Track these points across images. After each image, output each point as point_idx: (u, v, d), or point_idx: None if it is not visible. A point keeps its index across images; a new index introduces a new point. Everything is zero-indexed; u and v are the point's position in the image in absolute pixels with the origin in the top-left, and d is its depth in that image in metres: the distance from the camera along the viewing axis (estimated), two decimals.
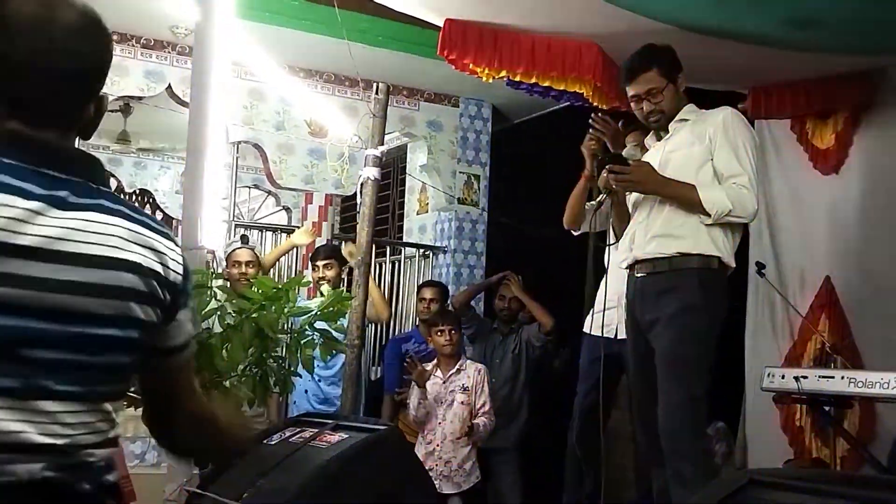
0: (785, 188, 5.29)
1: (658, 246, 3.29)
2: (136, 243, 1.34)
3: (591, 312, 4.35)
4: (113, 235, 1.32)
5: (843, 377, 3.88)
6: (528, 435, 5.30)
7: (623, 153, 3.71)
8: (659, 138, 3.50)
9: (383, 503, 2.32)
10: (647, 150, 3.62)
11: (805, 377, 4.00)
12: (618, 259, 3.54)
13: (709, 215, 3.20)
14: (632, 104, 3.49)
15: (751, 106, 5.08)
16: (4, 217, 1.23)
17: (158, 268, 1.37)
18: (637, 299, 3.39)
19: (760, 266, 5.08)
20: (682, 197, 3.24)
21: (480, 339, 5.50)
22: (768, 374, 4.20)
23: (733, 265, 3.34)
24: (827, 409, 4.32)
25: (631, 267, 3.43)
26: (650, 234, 3.32)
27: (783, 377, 4.11)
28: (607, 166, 3.32)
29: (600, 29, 4.10)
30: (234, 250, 4.93)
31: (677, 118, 3.42)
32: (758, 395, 4.74)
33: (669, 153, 3.38)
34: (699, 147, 3.31)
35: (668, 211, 3.29)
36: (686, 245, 3.24)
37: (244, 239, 4.87)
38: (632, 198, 3.50)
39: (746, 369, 5.28)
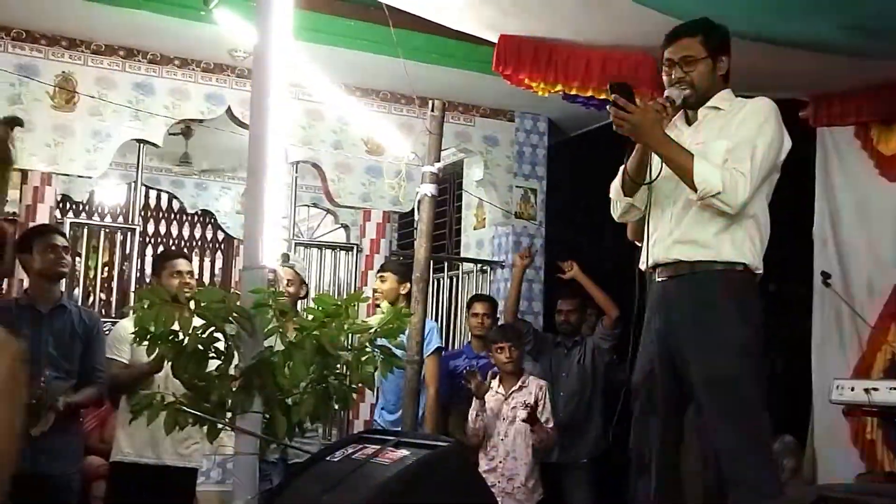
0: (850, 196, 5.19)
1: (679, 250, 3.07)
2: None
3: None
4: None
5: None
6: (600, 449, 5.23)
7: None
8: (688, 122, 3.21)
9: None
10: (675, 127, 3.26)
11: (875, 389, 3.91)
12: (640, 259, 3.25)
13: (695, 190, 2.96)
14: (664, 70, 3.21)
15: (812, 114, 5.00)
16: None
17: None
18: (657, 307, 3.16)
19: (826, 276, 4.98)
20: (676, 161, 2.98)
21: (544, 355, 5.45)
22: (837, 387, 4.11)
23: (760, 270, 3.09)
24: None
25: (651, 269, 3.18)
26: (672, 237, 3.09)
27: (853, 389, 4.02)
28: (612, 96, 2.98)
29: (656, 42, 4.07)
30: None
31: (709, 104, 3.14)
32: (826, 407, 4.64)
33: (696, 146, 3.08)
34: (724, 144, 3.05)
35: (693, 214, 3.06)
36: (708, 253, 3.02)
37: (284, 257, 4.91)
38: (656, 187, 3.17)
39: (814, 381, 5.16)
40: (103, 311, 6.22)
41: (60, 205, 7.51)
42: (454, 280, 6.92)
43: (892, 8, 3.74)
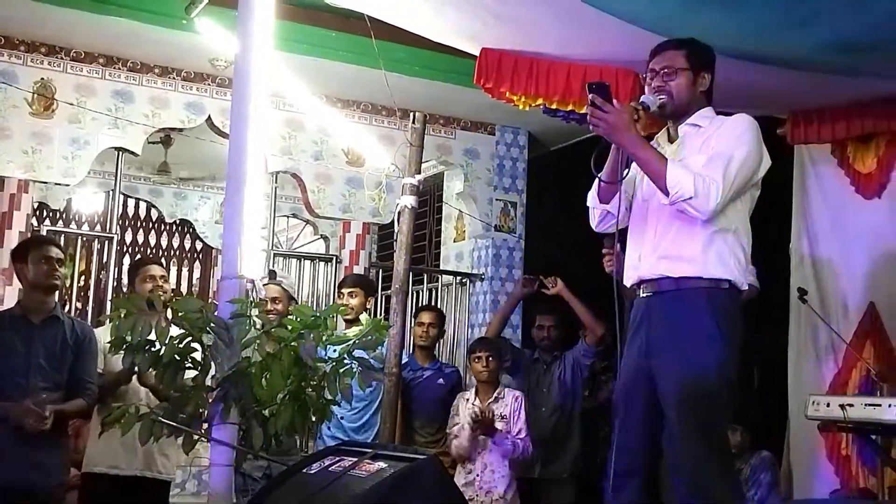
0: (826, 213, 5.23)
1: (663, 266, 3.06)
2: None
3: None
4: None
5: (890, 405, 3.79)
6: (580, 465, 5.23)
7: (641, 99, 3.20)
8: (670, 140, 3.22)
9: None
10: (658, 145, 3.24)
11: (851, 405, 3.92)
12: (624, 275, 3.25)
13: (667, 194, 2.95)
14: (646, 81, 3.24)
15: (790, 131, 5.03)
16: None
17: None
18: (639, 323, 3.14)
19: (803, 292, 5.01)
20: (650, 163, 2.99)
21: (522, 371, 5.44)
22: (813, 402, 4.12)
23: (745, 287, 3.09)
24: (874, 437, 4.23)
25: (636, 286, 3.18)
26: (656, 253, 3.08)
27: (828, 405, 4.03)
28: (590, 95, 2.96)
29: (637, 56, 4.10)
30: (263, 286, 4.93)
31: (690, 121, 3.15)
32: (802, 423, 4.66)
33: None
34: (702, 159, 3.04)
35: (678, 229, 3.05)
36: (694, 269, 3.01)
37: (272, 274, 4.88)
38: (637, 201, 3.21)
39: (790, 397, 5.19)
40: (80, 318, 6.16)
41: (37, 212, 7.44)
42: (433, 292, 6.91)
43: (869, 25, 3.78)
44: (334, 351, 3.06)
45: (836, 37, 3.89)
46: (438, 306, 6.65)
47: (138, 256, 8.59)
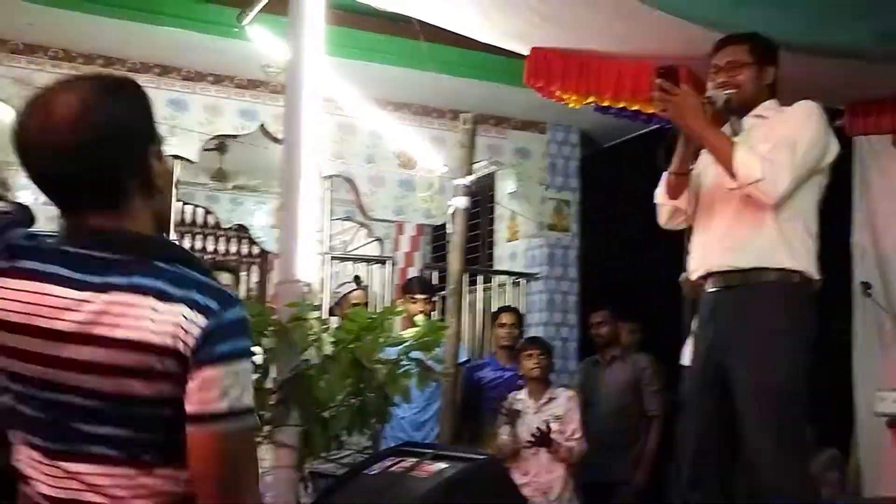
0: (890, 205, 5.11)
1: (732, 258, 2.99)
2: (152, 320, 1.34)
3: (686, 341, 4.17)
4: (133, 316, 1.35)
5: None
6: (646, 467, 5.17)
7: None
8: (735, 133, 3.13)
9: None
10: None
11: None
12: (689, 269, 3.19)
13: (734, 177, 2.89)
14: (709, 76, 3.19)
15: (849, 122, 4.93)
16: (49, 306, 1.35)
17: (169, 342, 1.35)
18: (709, 318, 3.08)
19: (867, 286, 4.91)
20: (717, 147, 2.94)
21: (579, 374, 5.41)
22: (881, 398, 4.03)
23: (818, 277, 3.01)
24: None
25: (703, 279, 3.10)
26: (724, 244, 3.01)
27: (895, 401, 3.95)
28: (658, 80, 2.97)
29: (689, 51, 4.05)
30: (349, 292, 4.97)
31: (754, 113, 3.10)
32: (870, 419, 4.56)
33: None
34: (767, 147, 2.99)
35: (745, 219, 2.97)
36: (763, 259, 2.93)
37: (357, 280, 4.94)
38: (704, 194, 3.15)
39: (856, 393, 5.08)
40: None
41: None
42: (488, 293, 6.90)
43: None
44: (393, 352, 3.07)
45: (893, 24, 3.80)
46: (492, 307, 6.65)
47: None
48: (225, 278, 4.38)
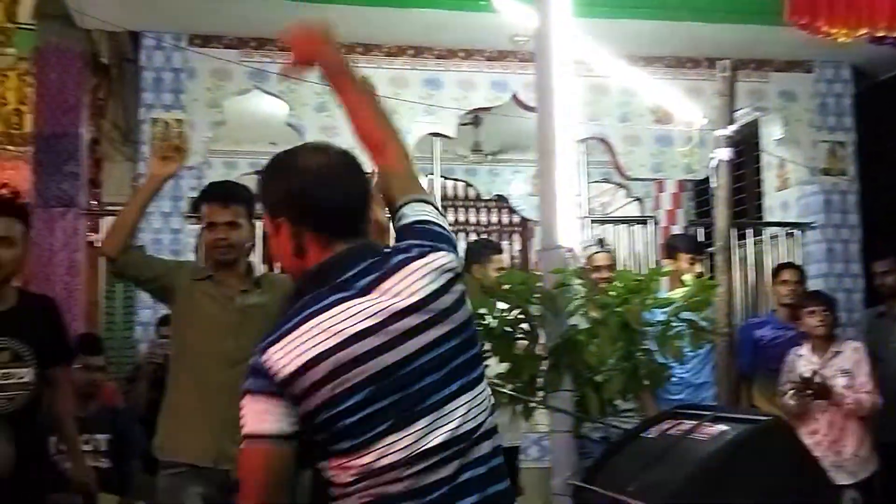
0: None
1: None
2: (431, 271, 1.61)
3: None
4: (415, 277, 1.60)
5: None
6: None
7: None
8: None
9: (772, 497, 2.21)
10: None
11: None
12: None
13: None
14: None
15: None
16: (352, 316, 1.57)
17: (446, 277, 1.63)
18: None
19: None
20: None
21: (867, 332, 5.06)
22: None
23: None
24: None
25: None
26: None
27: None
28: None
29: None
30: (593, 254, 4.95)
31: None
32: None
33: None
34: None
35: None
36: None
37: (601, 242, 4.90)
38: None
39: None
40: None
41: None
42: (759, 246, 6.59)
43: None
44: (662, 314, 3.01)
45: None
46: (765, 261, 6.34)
47: (465, 236, 9.00)
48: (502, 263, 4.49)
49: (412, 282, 1.59)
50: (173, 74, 5.68)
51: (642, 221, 6.60)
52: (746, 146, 7.06)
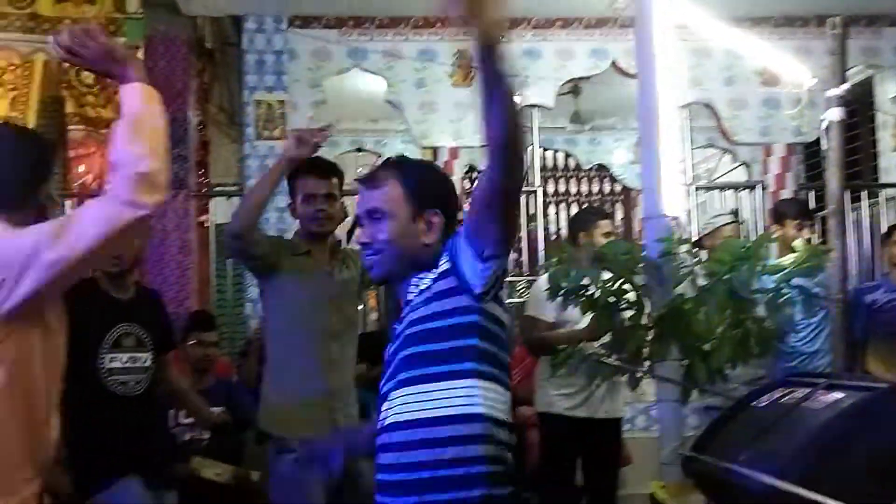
0: None
1: None
2: None
3: None
4: None
5: None
6: None
7: None
8: None
9: (891, 466, 2.14)
10: None
11: None
12: None
13: None
14: None
15: None
16: None
17: None
18: None
19: None
20: None
21: None
22: None
23: None
24: None
25: None
26: None
27: None
28: None
29: None
30: (724, 225, 4.83)
31: None
32: None
33: None
34: None
35: None
36: None
37: (733, 213, 4.78)
38: None
39: None
40: (517, 269, 6.61)
41: (467, 175, 8.03)
42: (875, 209, 6.33)
43: None
44: (773, 281, 2.94)
45: None
46: (883, 223, 6.10)
47: (568, 206, 8.94)
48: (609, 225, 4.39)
49: None
50: (274, 56, 5.79)
51: (749, 187, 6.43)
52: (860, 106, 6.79)
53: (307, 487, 2.95)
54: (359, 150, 8.27)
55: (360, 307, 3.40)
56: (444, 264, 1.82)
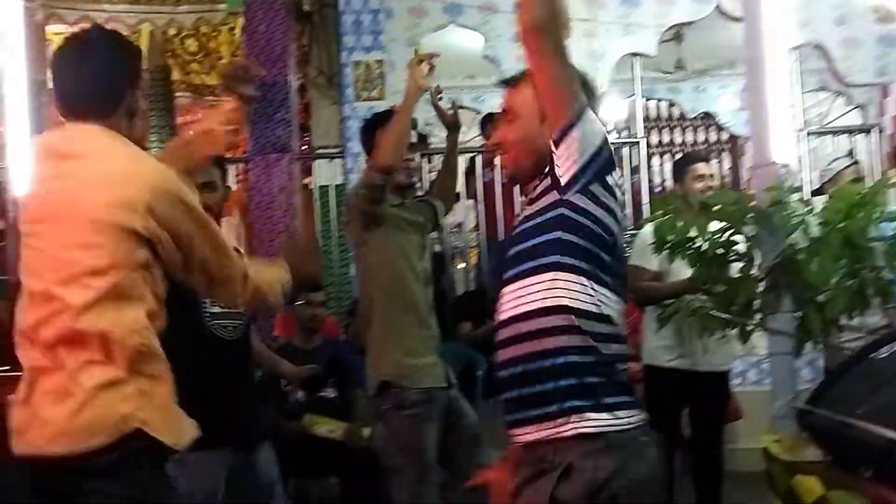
0: None
1: None
2: None
3: None
4: None
5: None
6: None
7: None
8: None
9: None
10: None
11: None
12: None
13: None
14: None
15: None
16: None
17: None
18: None
19: None
20: None
21: None
22: None
23: None
24: None
25: None
26: None
27: None
28: None
29: None
30: (844, 168, 4.66)
31: None
32: None
33: None
34: None
35: None
36: None
37: (850, 154, 4.61)
38: None
39: None
40: None
41: None
42: None
43: None
44: (891, 229, 2.82)
45: None
46: None
47: (672, 156, 8.75)
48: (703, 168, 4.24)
49: None
50: (371, 16, 5.81)
51: (865, 130, 6.17)
52: None
53: (425, 434, 3.04)
54: (458, 107, 8.25)
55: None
56: None
